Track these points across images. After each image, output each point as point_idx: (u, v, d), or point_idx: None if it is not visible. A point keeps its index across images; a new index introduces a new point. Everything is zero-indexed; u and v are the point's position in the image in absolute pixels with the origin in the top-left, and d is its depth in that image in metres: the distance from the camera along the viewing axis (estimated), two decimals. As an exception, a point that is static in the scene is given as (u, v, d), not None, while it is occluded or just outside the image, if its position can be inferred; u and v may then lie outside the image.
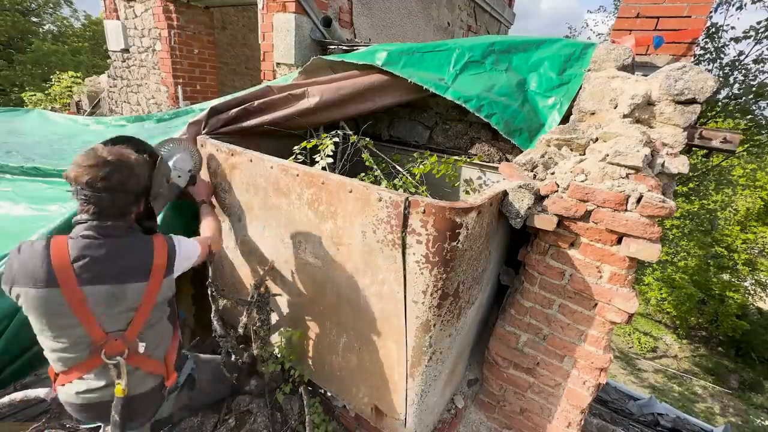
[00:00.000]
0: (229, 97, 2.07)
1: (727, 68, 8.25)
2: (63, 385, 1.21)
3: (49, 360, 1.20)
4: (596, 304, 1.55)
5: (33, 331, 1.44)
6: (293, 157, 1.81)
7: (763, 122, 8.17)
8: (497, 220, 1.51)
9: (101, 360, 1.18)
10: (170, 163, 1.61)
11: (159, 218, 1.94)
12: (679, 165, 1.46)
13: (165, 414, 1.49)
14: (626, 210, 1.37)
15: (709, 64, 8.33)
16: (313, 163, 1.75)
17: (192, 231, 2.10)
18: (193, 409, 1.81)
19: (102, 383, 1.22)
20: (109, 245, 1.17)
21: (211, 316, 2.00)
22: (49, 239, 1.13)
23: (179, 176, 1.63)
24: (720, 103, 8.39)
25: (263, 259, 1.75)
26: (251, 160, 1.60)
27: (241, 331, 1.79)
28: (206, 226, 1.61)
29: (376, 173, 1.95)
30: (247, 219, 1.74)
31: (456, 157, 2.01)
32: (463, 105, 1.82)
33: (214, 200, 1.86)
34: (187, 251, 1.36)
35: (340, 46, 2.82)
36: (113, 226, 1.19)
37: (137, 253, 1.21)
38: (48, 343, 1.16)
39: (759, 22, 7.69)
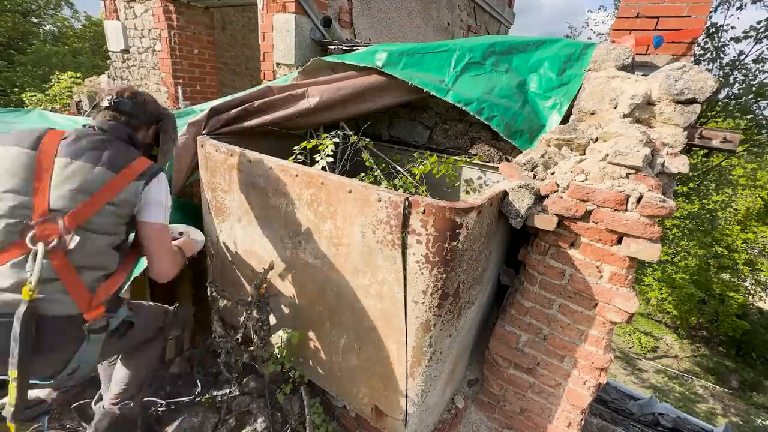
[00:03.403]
0: (229, 98, 2.07)
1: (728, 68, 8.26)
2: None
3: None
4: (596, 304, 1.55)
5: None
6: (293, 157, 1.81)
7: (764, 122, 8.17)
8: (497, 220, 1.51)
9: (25, 247, 1.07)
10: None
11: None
12: (679, 165, 1.46)
13: (88, 361, 1.23)
14: (626, 210, 1.37)
15: (709, 64, 8.34)
16: (313, 163, 1.75)
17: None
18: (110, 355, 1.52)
19: (10, 282, 1.06)
20: (102, 137, 1.25)
21: (211, 316, 2.01)
22: (55, 129, 1.22)
23: (180, 232, 1.78)
24: (720, 103, 8.40)
25: (263, 259, 1.75)
26: (251, 161, 1.60)
27: (241, 331, 1.79)
28: (175, 252, 1.49)
29: (376, 173, 1.95)
30: (247, 219, 1.74)
31: (456, 157, 2.01)
32: (464, 108, 1.82)
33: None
34: (162, 200, 1.31)
35: (340, 47, 2.82)
36: (118, 128, 1.31)
37: (120, 152, 1.25)
38: None
39: (759, 22, 7.70)
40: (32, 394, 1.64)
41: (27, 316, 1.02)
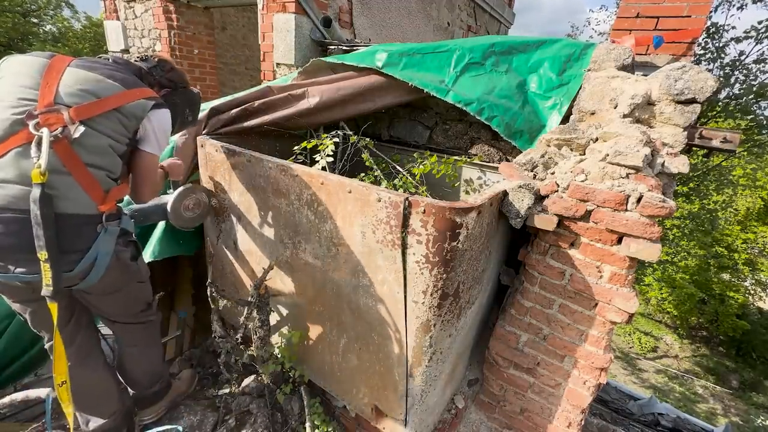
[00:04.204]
0: (229, 98, 2.07)
1: (728, 68, 8.26)
2: None
3: None
4: (596, 304, 1.54)
5: (33, 332, 1.43)
6: (293, 157, 1.81)
7: (764, 122, 8.17)
8: (497, 220, 1.51)
9: (27, 136, 1.06)
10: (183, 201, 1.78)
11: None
12: (680, 165, 1.46)
13: (104, 253, 1.24)
14: (626, 210, 1.37)
15: (709, 64, 8.34)
16: (313, 163, 1.75)
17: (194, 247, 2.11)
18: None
19: (13, 173, 1.05)
20: (117, 65, 1.31)
21: (211, 316, 2.01)
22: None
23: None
24: (720, 103, 8.39)
25: (263, 259, 1.75)
26: (250, 161, 1.60)
27: (241, 331, 1.79)
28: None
29: (376, 173, 1.95)
30: (247, 219, 1.74)
31: (456, 157, 2.01)
32: (465, 108, 1.82)
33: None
34: (164, 132, 1.39)
35: (340, 47, 2.82)
36: (132, 66, 1.39)
37: (130, 77, 1.29)
38: None
39: (760, 22, 7.70)
40: (32, 394, 1.65)
41: (43, 196, 1.03)
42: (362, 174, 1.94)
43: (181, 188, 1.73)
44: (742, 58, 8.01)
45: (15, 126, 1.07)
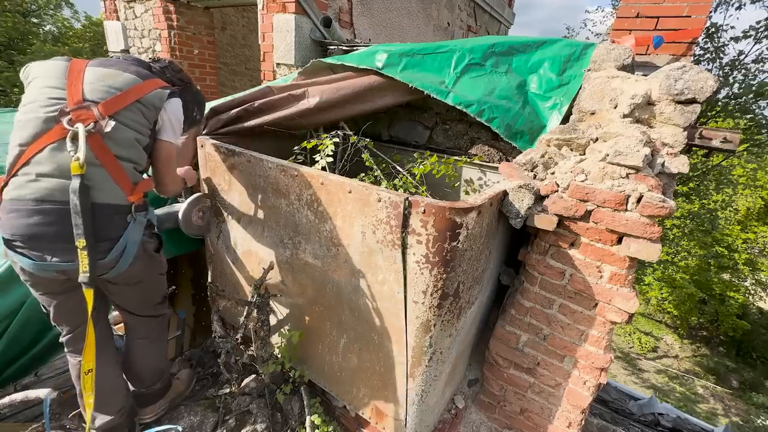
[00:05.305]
0: (229, 98, 2.07)
1: (727, 68, 8.26)
2: (14, 175, 1.15)
3: (8, 152, 1.17)
4: (596, 304, 1.54)
5: (34, 332, 1.44)
6: (293, 157, 1.81)
7: (763, 122, 8.17)
8: (497, 220, 1.51)
9: (61, 131, 1.14)
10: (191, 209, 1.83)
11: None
12: (679, 165, 1.46)
13: (134, 242, 1.33)
14: (626, 210, 1.37)
15: (708, 64, 8.34)
16: (313, 163, 1.75)
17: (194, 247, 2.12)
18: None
19: (51, 167, 1.14)
20: (130, 60, 1.38)
21: (211, 316, 2.01)
22: None
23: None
24: (720, 103, 8.40)
25: (263, 259, 1.75)
26: (250, 161, 1.60)
27: (241, 331, 1.79)
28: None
29: (376, 173, 1.95)
30: (247, 219, 1.74)
31: (456, 158, 2.01)
32: (465, 110, 1.82)
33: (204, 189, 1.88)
34: (179, 121, 1.47)
35: (340, 47, 2.82)
36: (143, 62, 1.44)
37: (143, 70, 1.36)
38: (18, 117, 1.19)
39: (758, 22, 7.70)
40: (32, 394, 1.65)
41: (83, 187, 1.12)
42: (362, 174, 1.94)
43: (193, 196, 1.80)
44: (741, 57, 8.01)
45: (49, 123, 1.16)
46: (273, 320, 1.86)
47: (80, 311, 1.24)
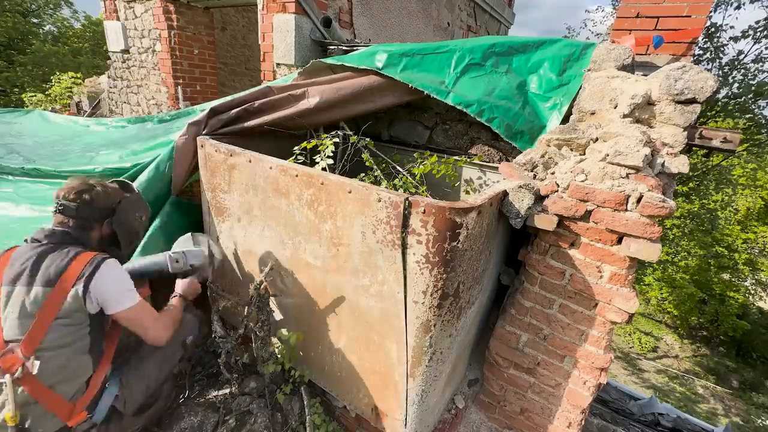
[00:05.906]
0: (229, 98, 2.07)
1: (727, 68, 8.26)
2: None
3: None
4: (597, 304, 1.54)
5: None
6: (293, 157, 1.81)
7: (763, 121, 8.18)
8: (497, 220, 1.51)
9: None
10: (180, 249, 1.70)
11: (157, 223, 1.96)
12: (679, 165, 1.46)
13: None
14: (626, 210, 1.37)
15: (708, 64, 8.34)
16: (313, 163, 1.75)
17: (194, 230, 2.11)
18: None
19: None
20: (45, 249, 1.22)
21: (211, 316, 2.01)
22: (12, 248, 1.24)
23: (177, 261, 1.64)
24: (720, 103, 8.40)
25: (263, 259, 1.75)
26: (250, 161, 1.60)
27: (241, 331, 1.79)
28: (164, 313, 1.49)
29: (376, 173, 1.95)
30: (247, 220, 1.74)
31: (456, 157, 2.01)
32: (465, 110, 1.82)
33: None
34: (117, 288, 1.27)
35: (340, 47, 2.82)
36: (63, 233, 1.27)
37: (57, 260, 1.21)
38: None
39: (758, 22, 7.70)
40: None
41: None
42: (362, 174, 1.94)
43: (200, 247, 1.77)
44: (741, 57, 8.02)
45: None
46: (273, 320, 1.86)
47: None
